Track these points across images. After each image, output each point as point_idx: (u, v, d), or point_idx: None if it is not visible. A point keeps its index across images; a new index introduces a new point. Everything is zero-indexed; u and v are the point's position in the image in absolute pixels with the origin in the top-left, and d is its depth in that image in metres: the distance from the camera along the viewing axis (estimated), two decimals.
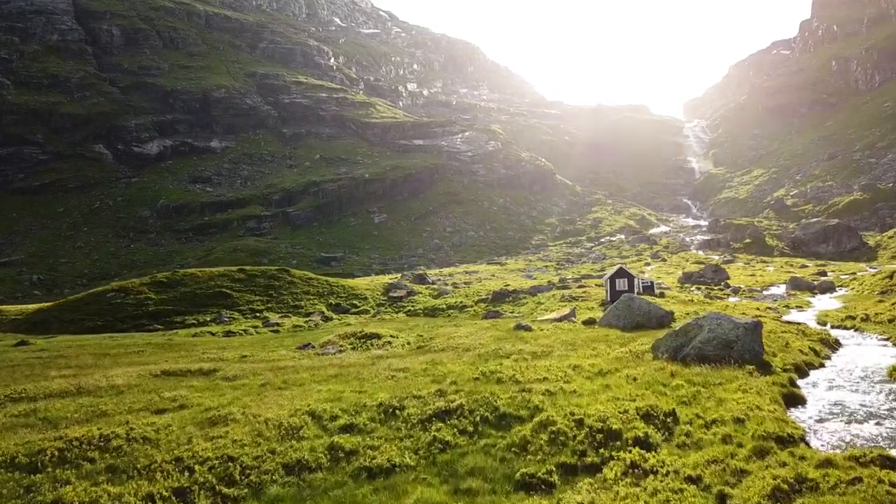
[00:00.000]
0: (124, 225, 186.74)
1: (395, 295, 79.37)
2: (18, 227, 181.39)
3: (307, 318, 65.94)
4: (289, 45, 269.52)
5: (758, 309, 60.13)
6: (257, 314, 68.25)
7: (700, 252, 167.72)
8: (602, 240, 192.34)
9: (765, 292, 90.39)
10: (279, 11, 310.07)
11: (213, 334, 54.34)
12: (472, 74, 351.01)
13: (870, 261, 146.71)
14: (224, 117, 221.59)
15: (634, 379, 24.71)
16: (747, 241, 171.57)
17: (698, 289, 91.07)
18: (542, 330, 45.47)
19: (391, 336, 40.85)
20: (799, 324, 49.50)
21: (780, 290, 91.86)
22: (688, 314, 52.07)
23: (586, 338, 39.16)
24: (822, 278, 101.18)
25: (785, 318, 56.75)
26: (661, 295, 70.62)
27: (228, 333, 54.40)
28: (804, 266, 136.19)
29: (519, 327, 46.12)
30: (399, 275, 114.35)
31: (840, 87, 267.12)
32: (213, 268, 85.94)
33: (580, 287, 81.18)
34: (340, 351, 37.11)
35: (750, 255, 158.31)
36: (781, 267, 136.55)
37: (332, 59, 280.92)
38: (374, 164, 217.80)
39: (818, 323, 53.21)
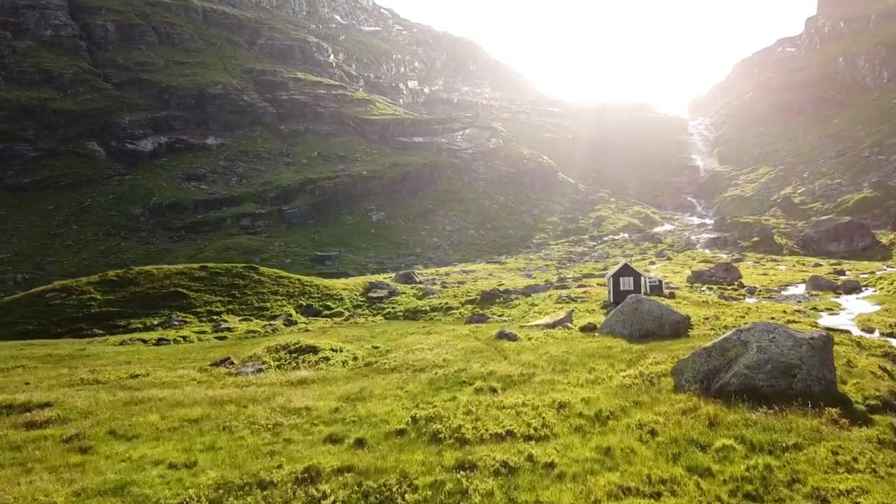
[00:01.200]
0: (115, 223, 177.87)
1: (374, 296, 69.96)
2: (6, 226, 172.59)
3: (269, 322, 56.63)
4: (287, 42, 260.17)
5: (784, 312, 50.48)
6: (214, 317, 58.97)
7: (706, 251, 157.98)
8: (605, 238, 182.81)
9: (783, 292, 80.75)
10: (279, 8, 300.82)
11: (144, 342, 45.25)
12: (474, 72, 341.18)
13: (884, 259, 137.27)
14: (220, 114, 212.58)
15: (652, 433, 15.30)
16: (755, 239, 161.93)
17: (710, 289, 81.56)
18: (528, 339, 36.07)
19: (332, 350, 31.43)
20: (843, 331, 39.71)
21: (800, 290, 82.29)
22: (706, 319, 42.37)
23: (583, 351, 29.73)
24: (842, 277, 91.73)
25: (820, 322, 47.10)
26: (671, 296, 60.98)
27: (161, 341, 45.22)
28: (817, 265, 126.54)
29: (501, 336, 36.63)
30: (393, 274, 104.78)
31: (847, 83, 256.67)
32: (173, 265, 76.57)
33: (580, 287, 71.66)
34: (259, 370, 27.95)
35: (759, 254, 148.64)
36: (794, 266, 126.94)
37: (332, 56, 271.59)
38: (373, 162, 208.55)
39: (862, 329, 43.69)
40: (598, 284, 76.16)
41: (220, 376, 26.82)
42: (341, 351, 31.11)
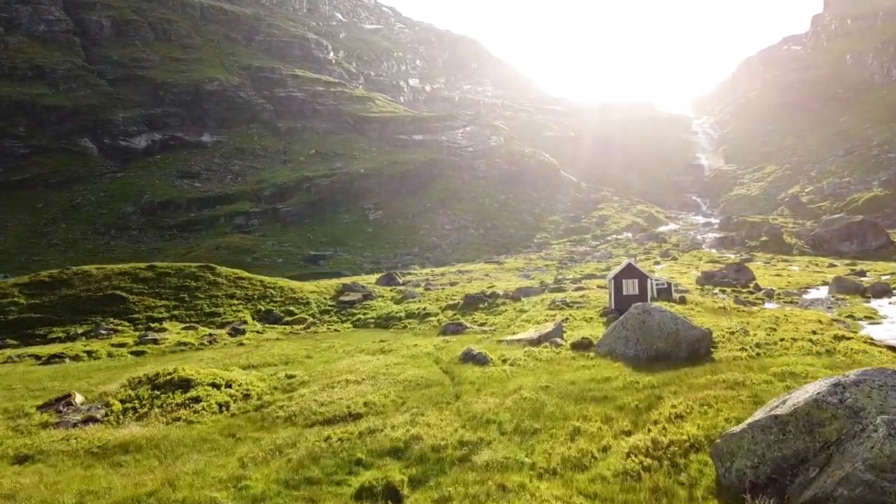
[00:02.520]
0: (105, 221, 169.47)
1: (346, 300, 60.74)
2: None
3: (212, 333, 47.42)
4: (286, 39, 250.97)
5: (820, 322, 41.04)
6: (153, 324, 49.84)
7: (713, 250, 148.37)
8: (608, 238, 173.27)
9: (805, 296, 71.07)
10: (279, 5, 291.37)
11: (37, 358, 35.97)
12: (475, 71, 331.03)
13: None
14: (216, 111, 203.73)
15: None
16: (764, 238, 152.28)
17: (722, 291, 72.07)
18: (502, 362, 27.01)
19: (215, 385, 21.87)
20: None
21: (821, 293, 72.76)
22: (731, 333, 32.92)
23: (568, 388, 20.80)
24: (864, 279, 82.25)
25: (864, 333, 37.52)
26: (682, 300, 51.48)
27: (53, 359, 35.97)
28: (832, 265, 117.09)
29: (468, 357, 27.33)
30: (377, 275, 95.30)
31: (855, 81, 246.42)
32: (117, 264, 67.38)
33: (578, 289, 62.26)
34: (90, 420, 18.62)
35: (768, 254, 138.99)
36: (807, 266, 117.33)
37: (332, 54, 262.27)
38: (372, 160, 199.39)
39: None
40: (598, 287, 66.82)
41: (26, 430, 17.78)
42: (230, 385, 21.89)
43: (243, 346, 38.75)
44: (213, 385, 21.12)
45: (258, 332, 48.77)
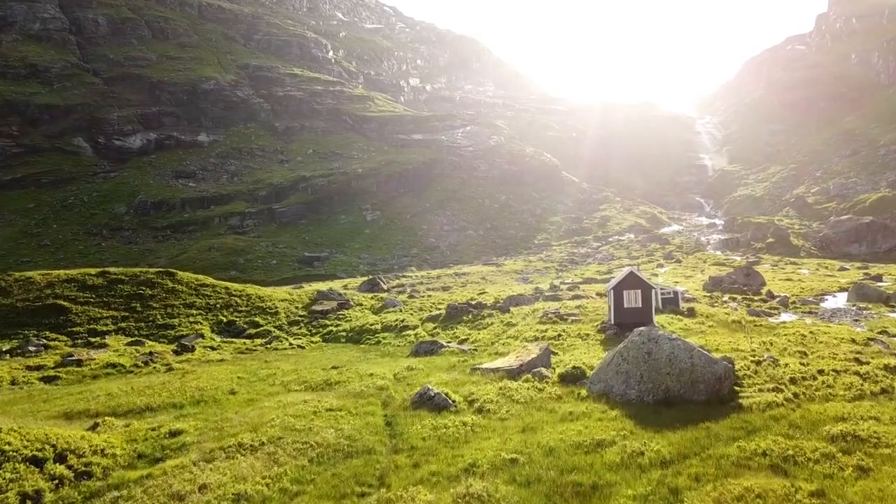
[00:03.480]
0: (97, 222, 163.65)
1: (319, 309, 54.27)
2: None
3: (165, 347, 40.75)
4: (285, 38, 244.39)
5: (854, 341, 34.52)
6: (94, 339, 43.35)
7: (718, 252, 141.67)
8: (610, 239, 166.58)
9: (823, 304, 64.40)
10: (278, 4, 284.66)
11: None
12: (477, 71, 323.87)
13: None
14: (213, 110, 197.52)
15: None
16: (770, 240, 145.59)
17: (733, 299, 65.38)
18: (466, 408, 20.51)
19: (36, 460, 15.07)
20: None
21: (840, 301, 66.12)
22: (757, 362, 26.53)
23: (540, 472, 14.15)
24: (881, 284, 75.74)
25: None
26: (690, 313, 44.94)
27: None
28: (843, 269, 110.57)
29: (422, 400, 20.98)
30: (362, 279, 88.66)
31: (861, 80, 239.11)
32: (67, 270, 60.92)
33: (574, 297, 55.69)
34: None
35: (775, 256, 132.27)
36: (817, 269, 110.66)
37: (331, 53, 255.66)
38: (370, 160, 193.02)
39: None
40: (597, 295, 60.24)
41: None
42: (64, 458, 15.15)
43: (173, 371, 32.32)
44: (34, 461, 14.56)
45: (211, 347, 42.31)
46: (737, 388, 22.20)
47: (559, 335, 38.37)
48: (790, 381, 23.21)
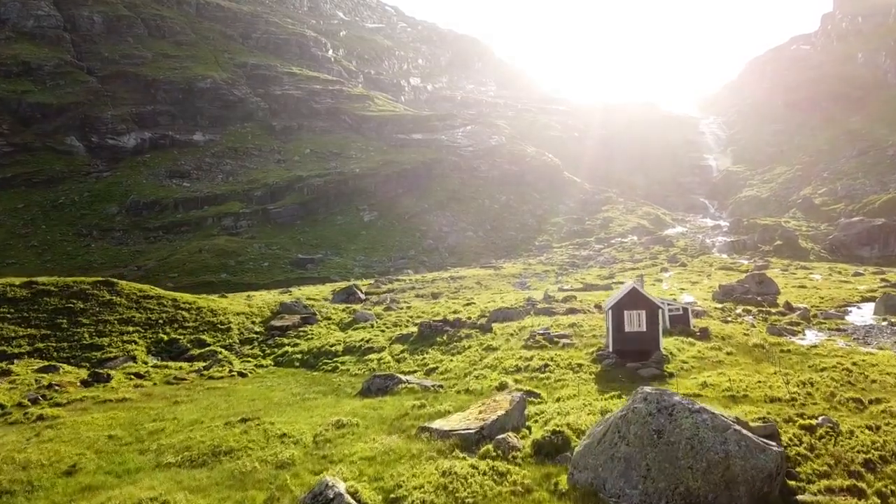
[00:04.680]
0: (88, 222, 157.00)
1: (278, 325, 47.13)
2: None
3: (77, 372, 33.50)
4: (284, 36, 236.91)
5: None
6: (1, 363, 35.70)
7: (724, 255, 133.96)
8: (612, 241, 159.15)
9: (849, 318, 56.82)
10: (278, 3, 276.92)
11: None
12: (478, 71, 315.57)
13: None
14: (210, 109, 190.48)
15: None
16: (778, 243, 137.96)
17: (747, 311, 57.73)
18: None
19: None
20: None
21: (866, 313, 58.82)
22: (805, 422, 18.20)
23: None
24: None
25: None
26: (704, 334, 37.27)
27: None
28: (858, 274, 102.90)
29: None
30: (346, 283, 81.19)
31: (867, 80, 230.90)
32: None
33: (570, 312, 48.16)
34: None
35: (784, 259, 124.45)
36: (829, 275, 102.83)
37: (331, 52, 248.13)
38: (368, 159, 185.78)
39: None
40: (596, 307, 52.63)
41: None
42: None
43: (43, 420, 25.03)
44: None
45: (136, 374, 35.17)
46: (791, 481, 14.60)
47: (546, 365, 30.96)
48: (865, 465, 15.67)
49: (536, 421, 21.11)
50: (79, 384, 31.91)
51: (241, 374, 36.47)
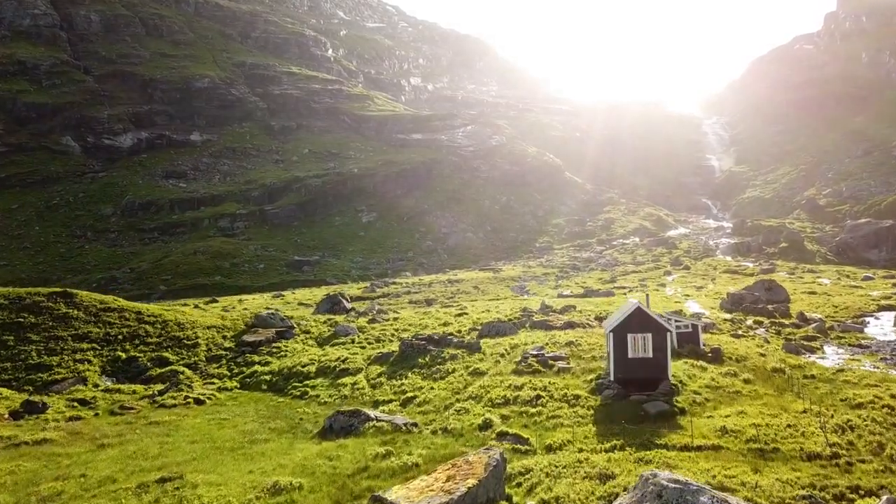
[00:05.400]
0: (82, 223, 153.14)
1: (250, 340, 42.98)
2: None
3: (15, 401, 29.06)
4: (283, 36, 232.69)
5: None
6: None
7: (728, 258, 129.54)
8: (614, 242, 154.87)
9: (868, 330, 52.41)
10: (278, 3, 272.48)
11: None
12: (480, 70, 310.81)
13: None
14: (207, 109, 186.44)
15: None
16: (783, 245, 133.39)
17: (758, 323, 53.35)
18: None
19: None
20: None
21: (884, 324, 55.15)
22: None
23: None
24: None
25: None
26: (716, 355, 32.92)
27: None
28: (867, 278, 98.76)
29: None
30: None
31: (871, 80, 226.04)
32: None
33: (568, 325, 43.85)
34: None
35: (789, 262, 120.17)
36: (838, 279, 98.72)
37: (331, 51, 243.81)
38: (367, 160, 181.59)
39: None
40: (596, 319, 48.26)
41: None
42: None
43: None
44: None
45: (81, 401, 31.06)
46: None
47: (538, 397, 26.75)
48: None
49: (520, 485, 16.93)
50: (7, 416, 27.79)
51: (198, 401, 32.38)
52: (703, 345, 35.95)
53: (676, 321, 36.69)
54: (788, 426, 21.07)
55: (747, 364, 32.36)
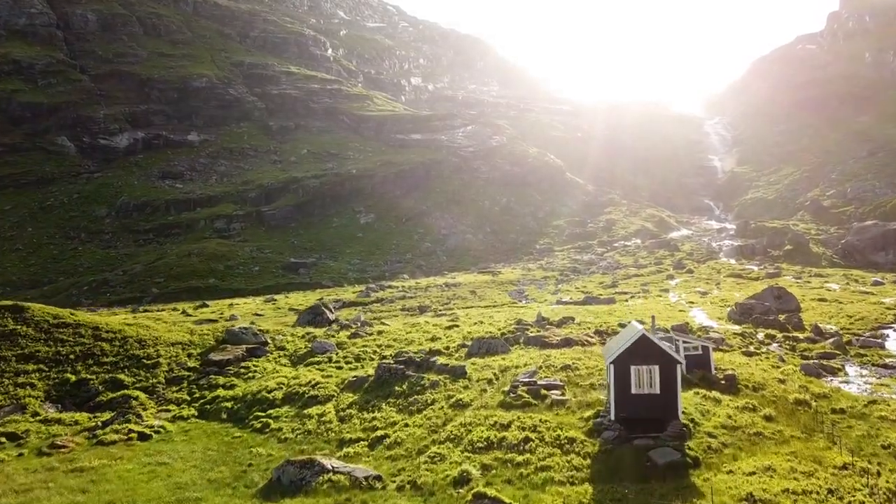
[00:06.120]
0: (76, 225, 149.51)
1: (217, 359, 39.00)
2: None
3: None
4: (282, 35, 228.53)
5: None
6: None
7: (732, 261, 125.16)
8: (616, 244, 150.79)
9: (888, 344, 48.37)
10: (277, 2, 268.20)
11: None
12: (481, 70, 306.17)
13: None
14: (205, 108, 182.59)
15: None
16: (788, 248, 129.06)
17: (770, 337, 49.17)
18: None
19: None
20: None
21: None
22: None
23: None
24: None
25: None
26: (729, 383, 28.76)
27: None
28: (877, 283, 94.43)
29: None
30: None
31: (875, 80, 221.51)
32: None
33: (565, 342, 39.83)
34: None
35: (795, 266, 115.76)
36: (847, 284, 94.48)
37: (330, 51, 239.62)
38: (366, 160, 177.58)
39: None
40: (596, 334, 44.01)
41: None
42: None
43: None
44: None
45: (13, 435, 27.41)
46: None
47: (526, 440, 22.79)
48: None
49: None
50: None
51: (143, 437, 28.38)
52: (716, 368, 31.75)
53: (685, 342, 32.48)
54: (830, 492, 16.94)
55: (766, 394, 28.22)
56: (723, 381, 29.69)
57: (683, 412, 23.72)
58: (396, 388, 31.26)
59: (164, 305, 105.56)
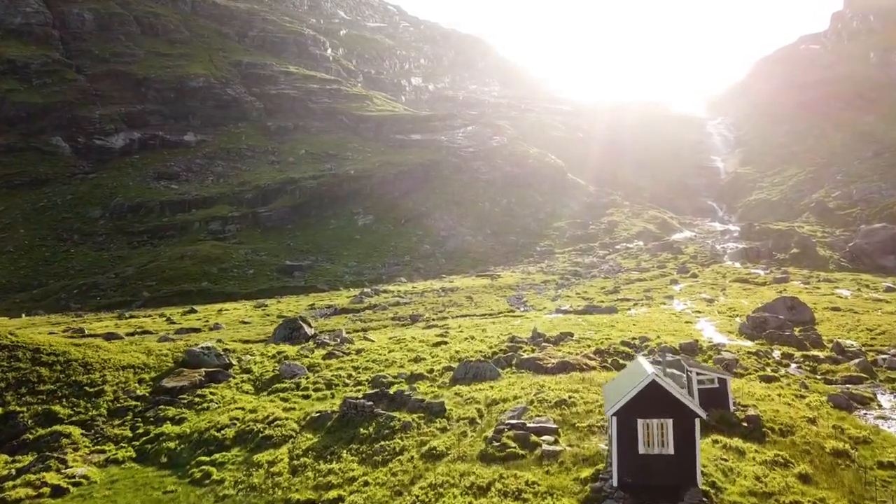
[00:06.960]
0: (69, 226, 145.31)
1: (170, 386, 34.31)
2: None
3: None
4: (281, 35, 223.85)
5: None
6: None
7: (737, 264, 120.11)
8: (617, 246, 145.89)
9: None
10: (277, 1, 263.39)
11: None
12: (482, 70, 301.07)
13: None
14: (202, 109, 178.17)
15: None
16: (794, 251, 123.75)
17: (788, 356, 44.40)
18: None
19: None
20: None
21: None
22: None
23: None
24: None
25: None
26: (753, 426, 23.55)
27: None
28: (890, 289, 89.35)
29: None
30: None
31: (880, 80, 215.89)
32: None
33: (562, 367, 35.06)
34: None
35: (802, 270, 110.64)
36: (858, 290, 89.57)
37: (329, 51, 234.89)
38: (365, 161, 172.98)
39: None
40: (597, 355, 39.15)
41: None
42: None
43: None
44: None
45: None
46: None
47: None
48: None
49: None
50: None
51: (57, 491, 23.79)
52: (734, 405, 26.98)
53: (699, 373, 27.64)
54: None
55: (796, 440, 23.45)
56: (745, 424, 24.91)
57: (702, 481, 18.96)
58: (362, 430, 26.39)
59: (152, 311, 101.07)
